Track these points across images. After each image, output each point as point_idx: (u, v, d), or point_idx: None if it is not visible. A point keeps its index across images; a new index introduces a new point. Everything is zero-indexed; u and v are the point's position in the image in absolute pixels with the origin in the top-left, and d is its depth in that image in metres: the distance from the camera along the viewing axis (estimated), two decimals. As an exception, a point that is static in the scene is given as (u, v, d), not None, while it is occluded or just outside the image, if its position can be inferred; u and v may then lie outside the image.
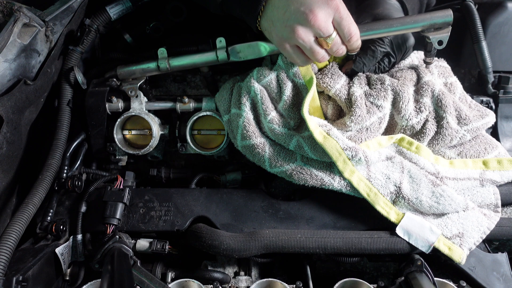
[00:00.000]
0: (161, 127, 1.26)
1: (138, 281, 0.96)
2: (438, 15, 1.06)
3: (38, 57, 1.14)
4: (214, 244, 1.05)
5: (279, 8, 0.98)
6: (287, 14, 0.97)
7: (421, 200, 1.07)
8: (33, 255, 0.99)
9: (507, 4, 1.33)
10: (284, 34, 1.00)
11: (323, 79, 1.13)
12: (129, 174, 1.23)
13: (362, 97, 1.09)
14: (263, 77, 1.14)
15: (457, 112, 1.12)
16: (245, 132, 1.12)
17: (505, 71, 1.37)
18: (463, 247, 1.04)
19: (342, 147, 1.04)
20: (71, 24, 1.19)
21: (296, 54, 1.04)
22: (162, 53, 1.20)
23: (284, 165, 1.10)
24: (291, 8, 0.97)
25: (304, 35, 0.98)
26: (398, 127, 1.13)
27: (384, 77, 1.13)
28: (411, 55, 1.27)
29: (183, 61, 1.20)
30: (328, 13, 0.96)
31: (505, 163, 1.15)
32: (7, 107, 1.03)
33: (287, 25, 0.98)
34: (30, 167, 1.17)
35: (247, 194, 1.17)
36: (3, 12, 1.07)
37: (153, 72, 1.22)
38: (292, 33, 0.98)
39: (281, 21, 0.99)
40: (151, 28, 1.30)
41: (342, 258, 1.10)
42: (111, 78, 1.23)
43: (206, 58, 1.19)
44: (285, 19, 0.98)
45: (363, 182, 1.08)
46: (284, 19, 0.98)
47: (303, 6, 0.96)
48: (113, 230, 1.10)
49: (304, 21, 0.96)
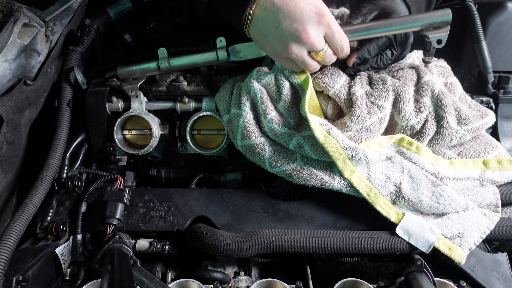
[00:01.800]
0: (161, 127, 1.26)
1: (138, 281, 0.96)
2: (437, 14, 1.06)
3: (38, 57, 1.14)
4: (214, 244, 1.05)
5: (270, 23, 0.99)
6: (279, 30, 0.98)
7: (421, 200, 1.07)
8: (33, 255, 0.99)
9: (507, 4, 1.33)
10: (278, 48, 1.01)
11: (323, 79, 1.13)
12: (129, 174, 1.23)
13: (363, 97, 1.09)
14: (263, 77, 1.14)
15: (457, 112, 1.12)
16: (245, 132, 1.12)
17: (505, 71, 1.37)
18: (463, 247, 1.04)
19: (342, 147, 1.04)
20: (71, 24, 1.19)
21: (290, 64, 1.06)
22: (163, 53, 1.20)
23: (284, 165, 1.10)
24: (283, 24, 0.97)
25: (298, 51, 1.00)
26: (398, 127, 1.13)
27: (386, 77, 1.13)
28: (411, 55, 1.27)
29: (184, 61, 1.20)
30: (320, 30, 0.98)
31: (505, 163, 1.15)
32: (7, 107, 1.03)
33: (280, 41, 0.99)
34: (30, 167, 1.17)
35: (247, 194, 1.17)
36: (3, 12, 1.07)
37: (154, 72, 1.22)
38: (286, 49, 1.00)
39: (273, 36, 0.99)
40: (151, 28, 1.30)
41: (342, 258, 1.10)
42: (112, 78, 1.23)
43: (207, 58, 1.19)
44: (278, 35, 0.99)
45: (363, 182, 1.08)
46: (276, 35, 0.99)
47: (295, 24, 0.96)
48: (113, 230, 1.10)
49: (297, 39, 0.97)
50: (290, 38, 0.98)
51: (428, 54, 1.15)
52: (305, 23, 0.96)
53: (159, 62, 1.20)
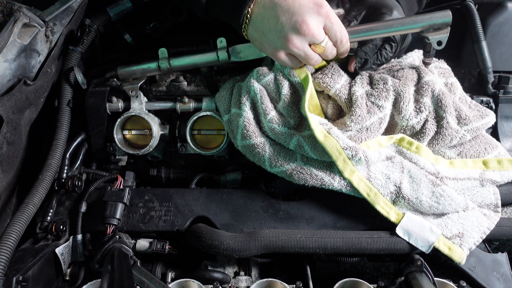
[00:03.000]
0: (161, 127, 1.26)
1: (138, 281, 0.96)
2: (437, 16, 1.06)
3: (38, 57, 1.14)
4: (214, 244, 1.05)
5: (269, 19, 0.99)
6: (279, 25, 0.98)
7: (421, 200, 1.07)
8: (33, 255, 0.99)
9: (507, 4, 1.33)
10: (278, 44, 1.01)
11: (323, 79, 1.13)
12: (129, 174, 1.23)
13: (363, 97, 1.09)
14: (263, 76, 1.14)
15: (457, 112, 1.12)
16: (245, 132, 1.12)
17: (505, 71, 1.37)
18: (463, 247, 1.04)
19: (342, 147, 1.04)
20: (71, 24, 1.19)
21: (290, 60, 1.06)
22: (163, 53, 1.20)
23: (284, 165, 1.10)
24: (282, 18, 0.97)
25: (299, 43, 0.99)
26: (398, 127, 1.13)
27: (386, 77, 1.13)
28: (412, 54, 1.27)
29: (184, 61, 1.20)
30: (320, 21, 0.98)
31: (505, 163, 1.15)
32: (7, 107, 1.03)
33: (280, 36, 0.99)
34: (30, 167, 1.17)
35: (247, 194, 1.17)
36: (3, 12, 1.07)
37: (154, 72, 1.22)
38: (287, 43, 0.99)
39: (273, 32, 0.99)
40: (151, 28, 1.30)
41: (342, 258, 1.10)
42: (112, 78, 1.24)
43: (207, 58, 1.19)
44: (278, 30, 0.98)
45: (363, 182, 1.08)
46: (276, 30, 0.98)
47: (294, 16, 0.96)
48: (113, 230, 1.10)
49: (298, 31, 0.97)
50: (291, 31, 0.97)
51: (428, 56, 1.15)
52: (305, 15, 0.96)
53: (159, 62, 1.20)
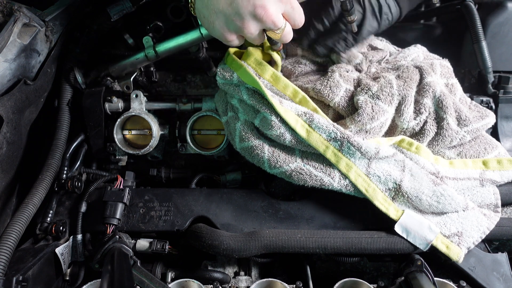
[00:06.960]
0: (161, 127, 1.26)
1: (138, 281, 0.96)
2: None
3: (38, 57, 1.14)
4: (214, 244, 1.05)
5: None
6: (234, 6, 0.90)
7: (421, 198, 1.06)
8: (33, 255, 0.99)
9: (507, 4, 1.33)
10: (231, 26, 0.94)
11: (322, 91, 1.11)
12: (129, 174, 1.23)
13: (367, 102, 1.08)
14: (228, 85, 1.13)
15: (457, 113, 1.12)
16: (243, 134, 1.12)
17: (505, 71, 1.37)
18: (461, 246, 1.04)
19: (326, 139, 1.04)
20: (71, 24, 1.19)
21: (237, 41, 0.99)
22: (148, 41, 1.18)
23: (284, 166, 1.10)
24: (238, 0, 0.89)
25: (253, 28, 0.93)
26: (399, 129, 1.13)
27: (392, 80, 1.11)
28: (416, 50, 1.26)
29: (169, 45, 1.18)
30: (280, 7, 0.92)
31: (505, 163, 1.15)
32: (7, 107, 1.03)
33: (234, 18, 0.91)
34: (30, 167, 1.17)
35: (247, 194, 1.17)
36: (3, 12, 1.07)
37: (143, 62, 1.22)
38: (242, 27, 0.92)
39: (227, 13, 0.91)
40: (151, 28, 1.30)
41: (342, 258, 1.10)
42: (105, 77, 1.24)
43: (191, 36, 1.17)
44: (232, 12, 0.90)
45: (361, 178, 1.07)
46: (231, 12, 0.91)
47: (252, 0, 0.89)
48: (113, 230, 1.10)
49: (255, 16, 0.90)
50: (248, 16, 0.90)
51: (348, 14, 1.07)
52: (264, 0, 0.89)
53: (146, 52, 1.19)
